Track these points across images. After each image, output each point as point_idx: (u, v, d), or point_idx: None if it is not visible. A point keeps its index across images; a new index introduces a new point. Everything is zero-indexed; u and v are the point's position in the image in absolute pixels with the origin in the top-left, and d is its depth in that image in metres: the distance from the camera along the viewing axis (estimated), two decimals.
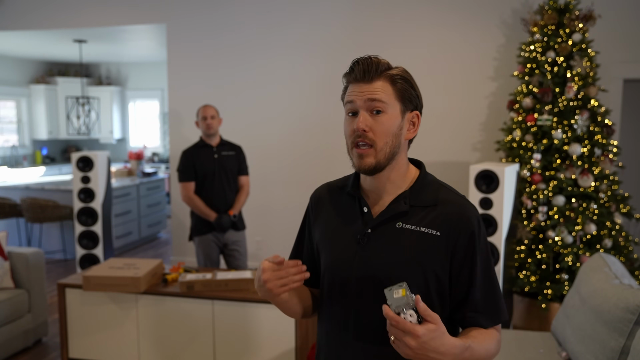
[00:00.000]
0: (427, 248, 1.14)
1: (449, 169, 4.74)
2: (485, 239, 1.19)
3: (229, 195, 3.62)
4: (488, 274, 1.19)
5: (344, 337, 1.20)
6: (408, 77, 1.19)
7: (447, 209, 1.16)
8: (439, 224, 1.15)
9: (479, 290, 1.17)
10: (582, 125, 3.78)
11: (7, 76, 8.04)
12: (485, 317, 1.18)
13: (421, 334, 0.98)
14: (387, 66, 1.18)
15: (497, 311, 1.19)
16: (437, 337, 1.00)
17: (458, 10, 4.63)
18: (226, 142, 3.72)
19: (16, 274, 3.57)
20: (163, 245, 6.70)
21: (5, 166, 7.92)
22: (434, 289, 1.15)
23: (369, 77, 1.15)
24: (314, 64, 4.97)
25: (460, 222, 1.15)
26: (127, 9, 5.34)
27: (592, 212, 3.70)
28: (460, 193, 1.22)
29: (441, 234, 1.14)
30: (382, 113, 1.14)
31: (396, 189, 1.20)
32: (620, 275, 2.35)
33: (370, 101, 1.14)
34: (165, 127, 8.89)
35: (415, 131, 1.20)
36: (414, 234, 1.15)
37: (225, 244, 3.67)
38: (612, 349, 2.04)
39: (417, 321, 1.01)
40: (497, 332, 1.20)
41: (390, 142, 1.15)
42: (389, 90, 1.15)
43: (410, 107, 1.19)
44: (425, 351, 1.00)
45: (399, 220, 1.17)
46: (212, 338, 3.02)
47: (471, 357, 1.09)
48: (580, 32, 3.83)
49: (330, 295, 1.23)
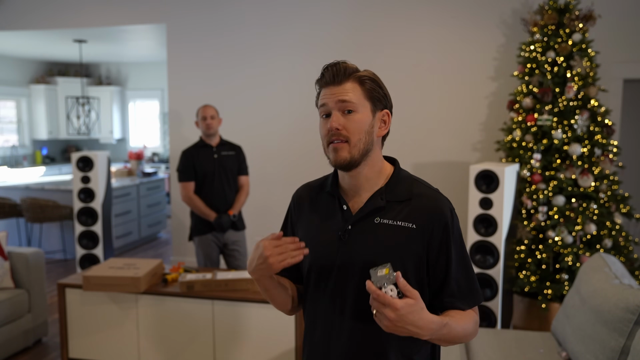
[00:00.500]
0: (403, 240, 1.22)
1: (449, 169, 4.74)
2: (458, 227, 1.27)
3: (228, 195, 3.62)
4: (463, 261, 1.27)
5: (333, 320, 1.28)
6: (375, 78, 1.27)
7: (421, 202, 1.24)
8: (414, 217, 1.23)
9: (455, 276, 1.25)
10: (582, 125, 3.78)
11: (7, 76, 8.04)
12: (462, 301, 1.26)
13: (400, 307, 1.06)
14: (355, 69, 1.26)
15: (473, 294, 1.28)
16: (415, 312, 1.08)
17: (458, 10, 4.63)
18: (226, 142, 3.72)
19: (16, 274, 3.57)
20: (163, 245, 6.70)
21: (5, 166, 7.92)
22: (412, 277, 1.21)
23: (339, 80, 1.23)
24: (314, 64, 4.97)
25: (434, 215, 1.23)
26: (127, 9, 5.34)
27: (592, 212, 3.70)
28: (433, 187, 1.30)
29: (416, 227, 1.22)
30: (353, 112, 1.22)
31: (372, 186, 1.27)
32: (620, 275, 2.35)
33: (341, 102, 1.22)
34: (165, 127, 8.89)
35: (387, 129, 1.28)
36: (391, 228, 1.23)
37: (225, 244, 3.67)
38: (612, 349, 2.04)
39: (398, 296, 1.08)
40: (475, 313, 1.29)
41: (364, 139, 1.23)
42: (358, 90, 1.23)
43: (380, 106, 1.26)
44: (404, 324, 1.07)
45: (376, 215, 1.24)
46: (212, 338, 3.02)
47: (449, 334, 1.17)
48: (580, 32, 3.84)
49: (317, 286, 1.31)
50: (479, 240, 3.29)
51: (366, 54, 4.79)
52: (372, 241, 1.23)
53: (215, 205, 3.57)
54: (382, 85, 1.27)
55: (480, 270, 3.30)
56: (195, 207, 3.55)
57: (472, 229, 3.30)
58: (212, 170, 3.58)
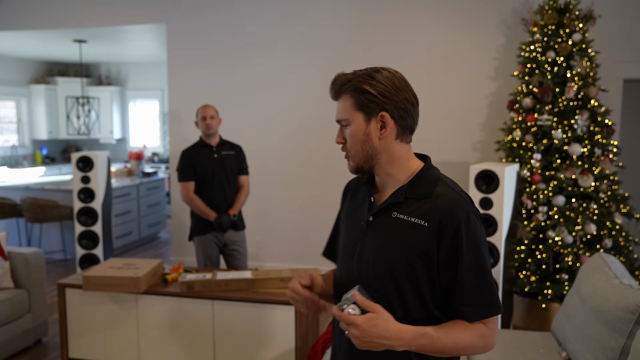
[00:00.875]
0: (414, 236, 1.22)
1: (449, 169, 4.74)
2: (475, 233, 1.22)
3: (228, 195, 3.62)
4: (478, 269, 1.21)
5: None
6: (365, 83, 1.24)
7: (438, 201, 1.23)
8: (429, 215, 1.22)
9: (465, 284, 1.20)
10: (582, 125, 3.78)
11: (7, 76, 8.04)
12: (472, 311, 1.21)
13: (360, 323, 1.10)
14: (346, 80, 1.27)
15: (486, 305, 1.22)
16: (379, 324, 1.11)
17: (458, 10, 4.63)
18: (226, 142, 3.72)
19: (16, 274, 3.57)
20: (163, 245, 6.70)
21: (5, 166, 7.92)
22: (421, 272, 1.21)
23: (335, 96, 1.30)
24: (315, 63, 4.97)
25: (446, 215, 1.21)
26: (127, 9, 5.34)
27: (592, 212, 3.69)
28: (458, 188, 1.28)
29: (428, 225, 1.21)
30: (347, 126, 1.29)
31: (396, 182, 1.30)
32: (621, 275, 2.35)
33: (337, 121, 1.31)
34: (165, 127, 8.89)
35: (387, 130, 1.25)
36: (405, 223, 1.24)
37: (225, 244, 3.67)
38: (612, 349, 2.04)
39: (361, 313, 1.12)
40: (484, 326, 1.22)
41: (360, 149, 1.27)
42: (348, 103, 1.26)
43: (374, 112, 1.25)
44: (370, 338, 1.10)
45: (395, 210, 1.27)
46: (212, 338, 3.02)
47: (432, 344, 1.16)
48: (580, 32, 3.83)
49: (341, 271, 1.39)
50: None
51: (366, 54, 4.79)
52: (385, 233, 1.26)
53: (216, 205, 3.57)
54: (377, 87, 1.24)
55: None
56: (195, 207, 3.55)
57: None
58: (212, 170, 3.58)
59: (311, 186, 5.09)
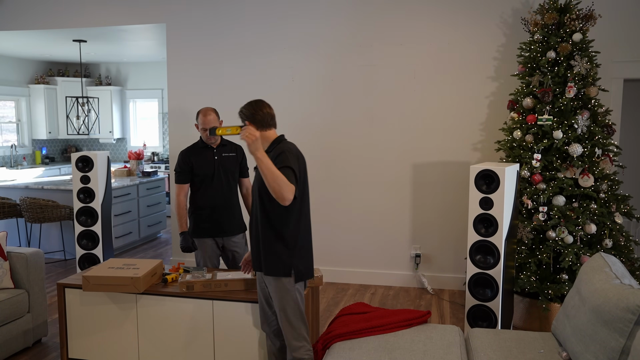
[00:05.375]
0: None
1: (449, 169, 4.74)
2: None
3: (228, 196, 3.61)
4: None
5: None
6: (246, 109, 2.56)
7: None
8: None
9: None
10: (583, 125, 3.78)
11: (7, 76, 8.04)
12: None
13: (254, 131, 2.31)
14: None
15: None
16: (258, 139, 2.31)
17: (458, 9, 4.63)
18: (227, 143, 3.70)
19: (16, 274, 3.57)
20: (163, 245, 6.70)
21: (5, 166, 7.91)
22: None
23: None
24: (315, 63, 4.97)
25: None
26: (127, 9, 5.34)
27: (592, 212, 3.69)
28: None
29: None
30: None
31: None
32: (621, 275, 2.35)
33: None
34: (165, 127, 8.89)
35: None
36: None
37: (224, 245, 3.66)
38: (612, 349, 2.04)
39: None
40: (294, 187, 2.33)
41: None
42: None
43: None
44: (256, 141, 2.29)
45: None
46: (212, 338, 3.02)
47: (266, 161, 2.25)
48: (580, 32, 3.83)
49: None
50: (480, 240, 3.29)
51: (366, 54, 4.79)
52: None
53: (216, 206, 3.56)
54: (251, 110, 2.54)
55: (481, 270, 3.30)
56: (178, 212, 3.52)
57: (472, 229, 3.30)
58: (212, 171, 3.56)
59: (311, 186, 5.08)
